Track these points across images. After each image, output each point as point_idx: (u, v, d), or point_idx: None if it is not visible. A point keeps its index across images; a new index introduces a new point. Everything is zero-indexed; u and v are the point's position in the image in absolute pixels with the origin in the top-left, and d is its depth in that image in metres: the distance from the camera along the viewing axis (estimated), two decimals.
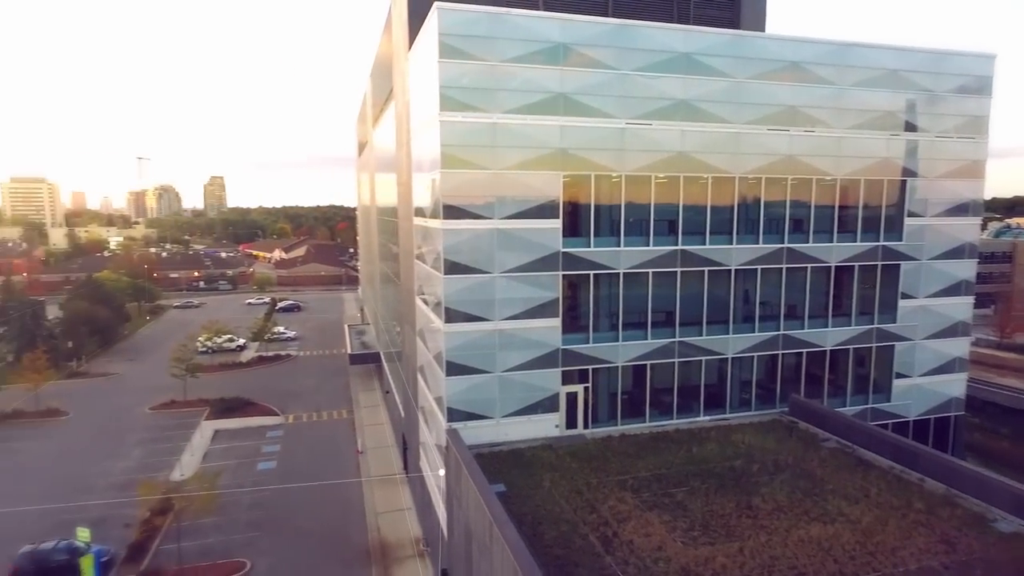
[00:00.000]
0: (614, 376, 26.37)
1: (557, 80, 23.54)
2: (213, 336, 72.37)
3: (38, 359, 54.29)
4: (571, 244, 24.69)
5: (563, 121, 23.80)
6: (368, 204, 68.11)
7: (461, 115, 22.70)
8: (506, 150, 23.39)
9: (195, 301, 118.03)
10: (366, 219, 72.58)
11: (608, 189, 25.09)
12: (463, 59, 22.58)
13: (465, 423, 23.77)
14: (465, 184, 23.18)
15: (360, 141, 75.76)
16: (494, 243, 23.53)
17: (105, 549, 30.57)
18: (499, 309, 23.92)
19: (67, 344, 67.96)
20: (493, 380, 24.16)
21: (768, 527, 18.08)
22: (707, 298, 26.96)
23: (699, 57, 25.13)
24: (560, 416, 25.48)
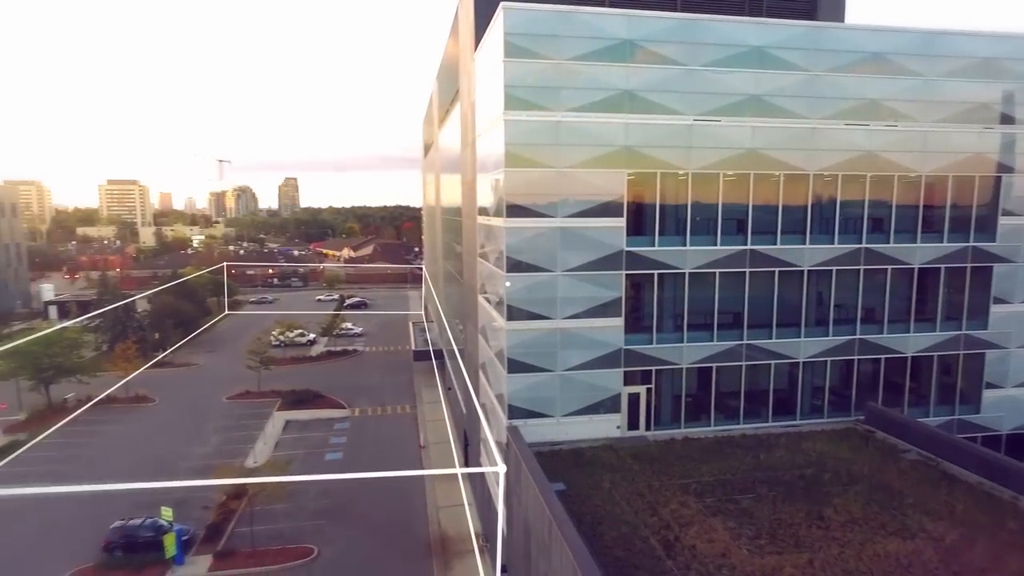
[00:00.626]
0: (678, 378, 25.84)
1: (623, 77, 23.28)
2: (285, 331, 75.59)
3: (129, 349, 58.22)
4: (635, 243, 24.36)
5: (628, 118, 23.52)
6: (433, 204, 69.40)
7: (526, 114, 22.80)
8: (570, 148, 23.33)
9: (269, 297, 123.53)
10: (431, 219, 73.97)
11: (674, 187, 24.61)
12: (528, 58, 22.67)
13: (526, 421, 23.86)
14: (529, 183, 23.28)
15: (426, 142, 77.27)
16: (557, 242, 23.51)
17: (186, 528, 32.46)
18: (561, 308, 23.88)
19: (154, 336, 72.51)
20: (554, 379, 24.15)
21: (841, 539, 17.27)
22: (777, 300, 26.01)
23: (773, 51, 24.27)
24: (622, 417, 25.19)
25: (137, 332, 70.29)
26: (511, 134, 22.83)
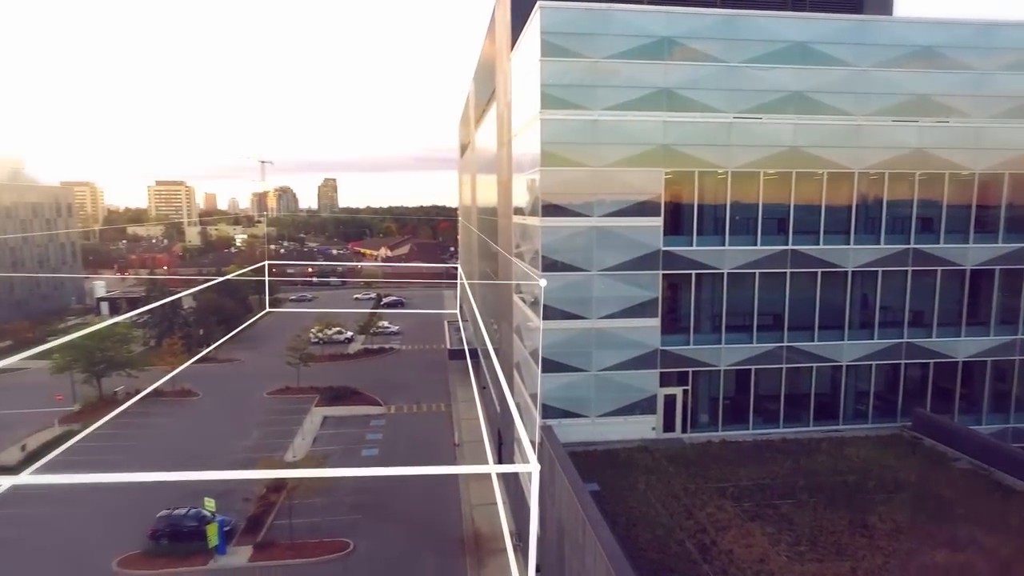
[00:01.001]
0: (716, 380, 25.40)
1: (661, 75, 23.01)
2: (324, 328, 77.04)
3: (175, 344, 60.18)
4: (672, 243, 24.04)
5: (666, 117, 23.23)
6: (469, 204, 69.80)
7: (562, 113, 22.73)
8: (607, 147, 23.17)
9: (308, 295, 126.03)
10: (466, 219, 74.41)
11: (713, 186, 24.20)
12: (565, 57, 22.60)
13: (560, 421, 23.79)
14: (565, 182, 23.20)
15: (462, 143, 77.74)
16: (593, 241, 23.37)
17: (228, 519, 33.38)
18: (596, 308, 23.73)
19: (199, 332, 74.76)
20: (589, 379, 24.01)
21: (885, 549, 16.72)
22: (820, 301, 25.33)
23: (817, 46, 23.65)
24: (657, 418, 24.89)
25: (183, 328, 72.58)
26: (547, 133, 22.79)
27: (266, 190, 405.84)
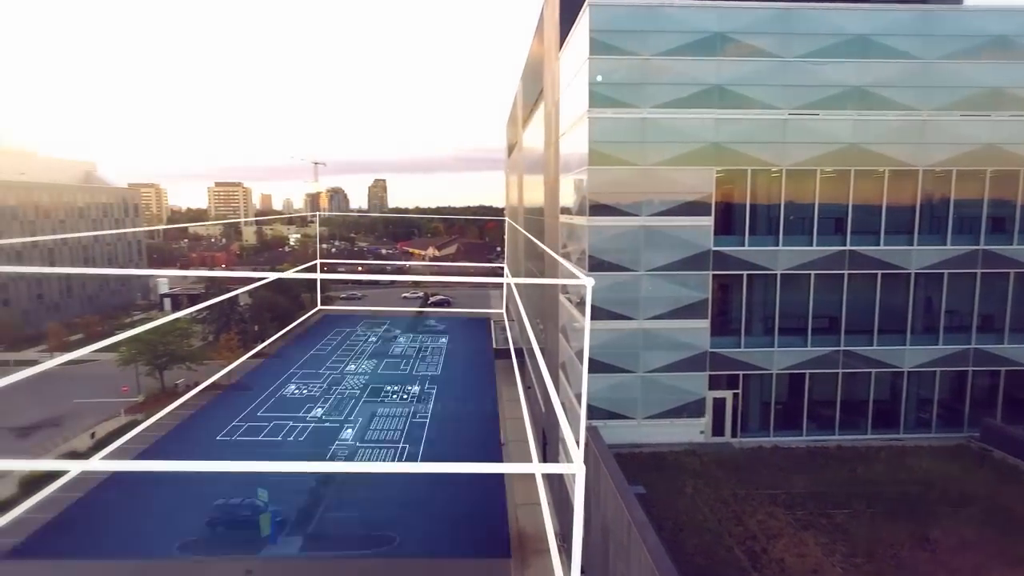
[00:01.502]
0: (767, 384, 24.70)
1: (713, 71, 22.52)
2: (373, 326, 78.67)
3: (232, 339, 62.47)
4: (723, 243, 23.51)
5: (718, 114, 22.74)
6: (515, 204, 69.95)
7: (611, 111, 22.52)
8: (656, 146, 22.83)
9: (358, 293, 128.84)
10: (513, 219, 74.56)
11: (766, 185, 23.54)
12: (614, 55, 22.39)
13: (606, 422, 23.58)
14: (612, 181, 22.98)
15: (509, 143, 77.93)
16: (640, 241, 23.08)
17: (279, 510, 34.48)
18: (644, 308, 23.42)
19: (254, 328, 77.37)
20: (636, 380, 23.72)
21: (950, 564, 15.92)
22: (879, 304, 24.32)
23: (879, 38, 22.71)
24: (706, 422, 24.38)
25: (239, 324, 75.28)
26: (595, 132, 22.63)
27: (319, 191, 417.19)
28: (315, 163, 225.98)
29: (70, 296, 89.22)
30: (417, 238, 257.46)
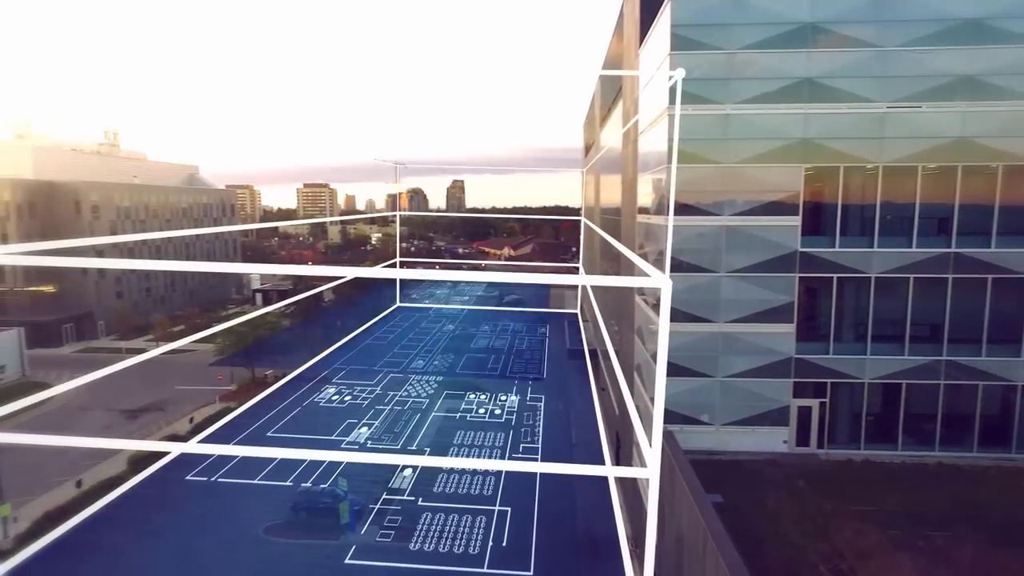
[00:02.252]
0: (858, 393, 23.27)
1: (803, 64, 21.45)
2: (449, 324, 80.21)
3: (316, 334, 65.54)
4: (811, 244, 22.34)
5: (808, 108, 21.63)
6: (592, 204, 69.49)
7: (691, 108, 21.90)
8: (740, 143, 22.01)
9: (436, 290, 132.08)
10: (589, 218, 74.13)
11: (860, 183, 22.18)
12: (696, 50, 21.76)
13: (682, 427, 22.97)
14: (693, 180, 22.34)
15: (586, 143, 77.43)
16: (722, 241, 22.31)
17: (358, 499, 35.85)
18: (724, 311, 22.63)
19: (337, 323, 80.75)
20: (714, 385, 22.96)
21: None
22: (989, 311, 22.37)
23: (994, 22, 20.89)
24: (789, 431, 23.27)
25: (324, 319, 78.75)
26: (675, 130, 22.05)
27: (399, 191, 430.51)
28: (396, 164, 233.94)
29: (174, 290, 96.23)
30: (493, 238, 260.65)
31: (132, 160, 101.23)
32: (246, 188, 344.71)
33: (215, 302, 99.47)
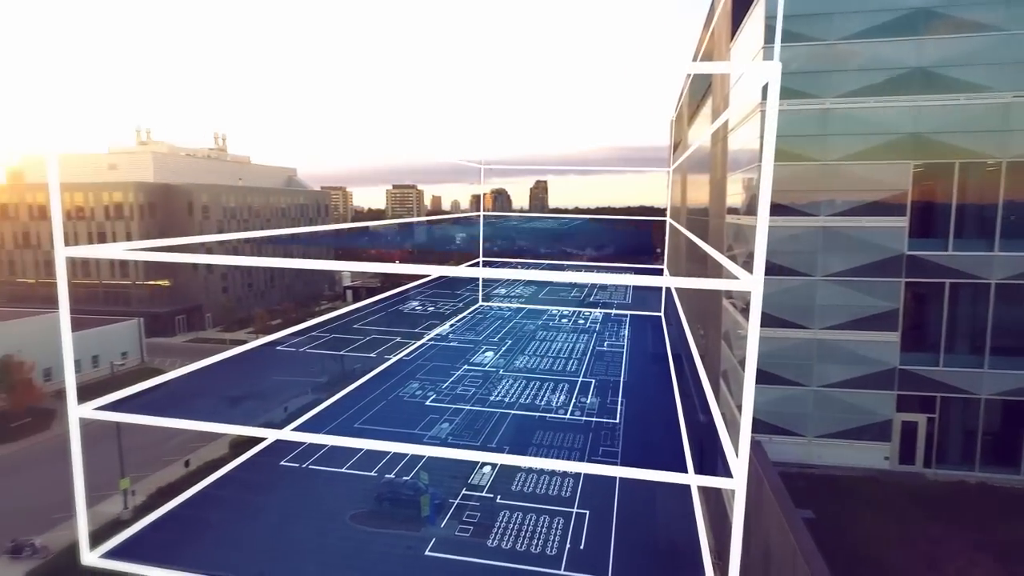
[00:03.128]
0: (973, 410, 21.35)
1: (913, 52, 19.93)
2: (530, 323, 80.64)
3: (401, 331, 67.75)
4: (920, 246, 20.72)
5: (918, 101, 20.08)
6: (678, 205, 67.74)
7: (787, 103, 20.85)
8: (840, 139, 20.74)
9: (518, 290, 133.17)
10: (675, 219, 72.31)
11: (978, 180, 20.35)
12: (793, 42, 20.70)
13: (771, 437, 21.93)
14: (787, 179, 21.26)
15: (674, 141, 75.57)
16: (818, 243, 21.11)
17: (438, 493, 36.72)
18: (820, 316, 21.40)
19: (421, 320, 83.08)
20: (807, 394, 21.76)
21: None
22: None
23: None
24: (892, 447, 21.69)
25: (408, 316, 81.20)
26: (772, 125, 21.06)
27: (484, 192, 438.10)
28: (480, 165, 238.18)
29: (272, 285, 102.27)
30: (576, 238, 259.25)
31: (238, 163, 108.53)
32: (339, 189, 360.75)
33: (309, 297, 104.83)
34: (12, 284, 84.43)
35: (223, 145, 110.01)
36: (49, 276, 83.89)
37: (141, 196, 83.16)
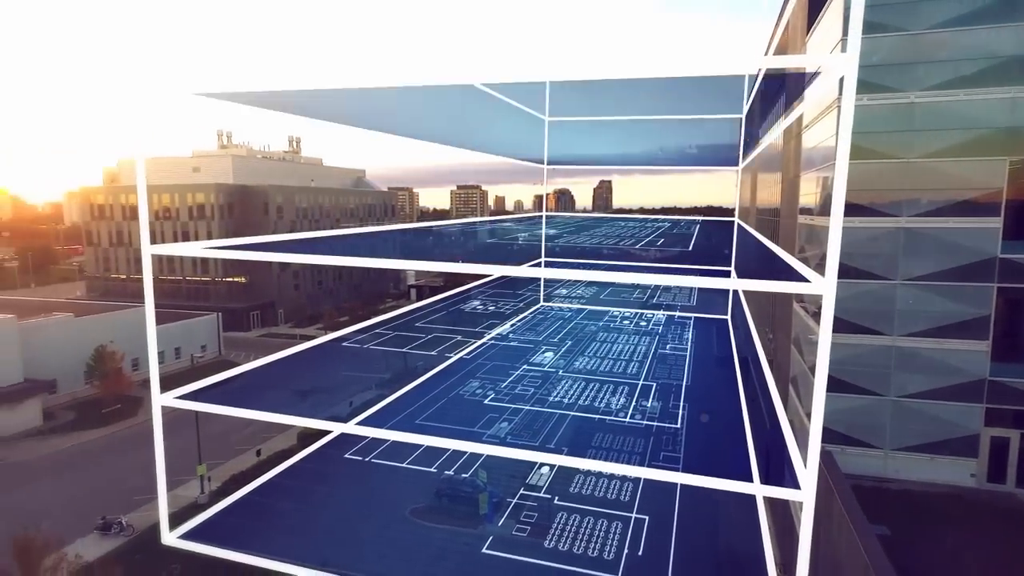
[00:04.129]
0: None
1: (1011, 40, 18.55)
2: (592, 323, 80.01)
3: (463, 329, 68.58)
4: (1015, 249, 19.27)
5: (1016, 92, 18.65)
6: (747, 205, 65.70)
7: (867, 97, 19.81)
8: (925, 135, 19.55)
9: (580, 290, 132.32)
10: (744, 220, 70.05)
11: None
12: (874, 33, 19.65)
13: (843, 448, 20.91)
14: (866, 177, 20.23)
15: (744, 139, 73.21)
16: (899, 245, 19.97)
17: (496, 492, 36.95)
18: (899, 323, 20.24)
19: (482, 319, 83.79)
20: (884, 404, 20.62)
21: None
22: None
23: None
24: (979, 464, 20.27)
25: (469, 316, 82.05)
26: (847, 122, 20.09)
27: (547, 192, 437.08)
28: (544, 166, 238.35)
29: (340, 283, 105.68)
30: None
31: (310, 165, 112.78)
32: (406, 190, 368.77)
33: (375, 295, 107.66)
34: (107, 279, 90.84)
35: (297, 148, 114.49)
36: (139, 272, 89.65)
37: (221, 197, 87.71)
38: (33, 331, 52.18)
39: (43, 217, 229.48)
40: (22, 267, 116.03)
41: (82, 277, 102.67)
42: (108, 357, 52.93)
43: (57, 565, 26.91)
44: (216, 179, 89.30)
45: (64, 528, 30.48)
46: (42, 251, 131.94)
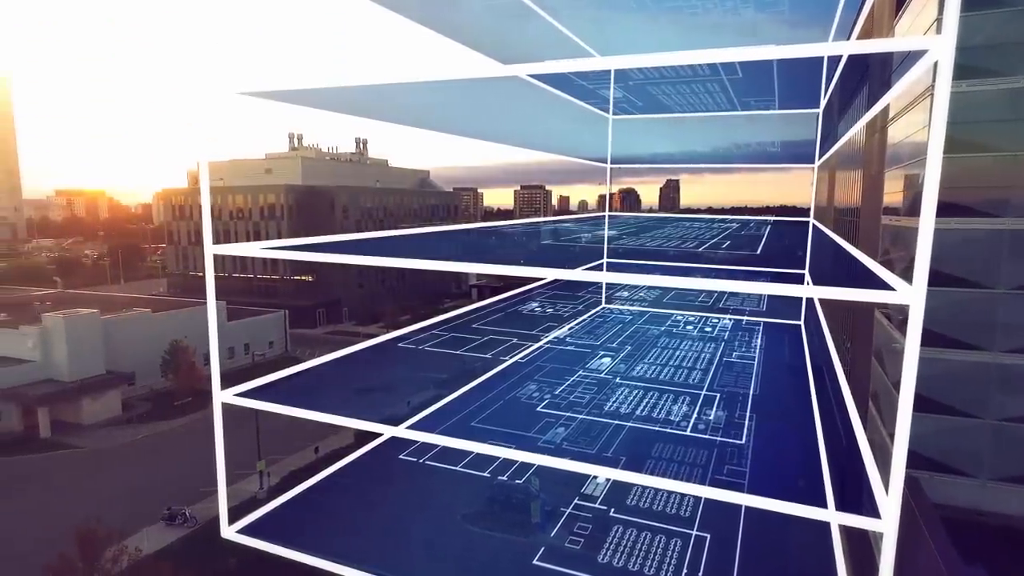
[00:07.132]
0: None
1: None
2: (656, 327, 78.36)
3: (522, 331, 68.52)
4: None
5: None
6: (824, 204, 62.64)
7: (966, 84, 18.11)
8: None
9: (642, 293, 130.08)
10: (820, 220, 66.81)
11: None
12: (976, 10, 17.93)
13: (932, 474, 19.26)
14: (963, 173, 18.56)
15: (821, 134, 69.80)
16: (1002, 249, 18.21)
17: (549, 500, 36.53)
18: (1002, 337, 18.45)
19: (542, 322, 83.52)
20: (982, 428, 18.85)
21: None
22: None
23: None
24: None
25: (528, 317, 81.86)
26: (940, 111, 18.50)
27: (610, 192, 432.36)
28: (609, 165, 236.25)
29: (403, 283, 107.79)
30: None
31: (376, 166, 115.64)
32: (471, 191, 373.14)
33: (436, 295, 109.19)
34: (186, 276, 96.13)
35: (364, 149, 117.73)
36: (217, 271, 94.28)
37: (290, 198, 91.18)
38: (114, 326, 55.68)
39: (135, 217, 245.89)
40: (112, 264, 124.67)
41: (164, 274, 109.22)
42: (182, 351, 55.90)
43: (117, 557, 28.32)
44: (286, 180, 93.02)
45: (133, 517, 32.15)
46: (131, 249, 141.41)
